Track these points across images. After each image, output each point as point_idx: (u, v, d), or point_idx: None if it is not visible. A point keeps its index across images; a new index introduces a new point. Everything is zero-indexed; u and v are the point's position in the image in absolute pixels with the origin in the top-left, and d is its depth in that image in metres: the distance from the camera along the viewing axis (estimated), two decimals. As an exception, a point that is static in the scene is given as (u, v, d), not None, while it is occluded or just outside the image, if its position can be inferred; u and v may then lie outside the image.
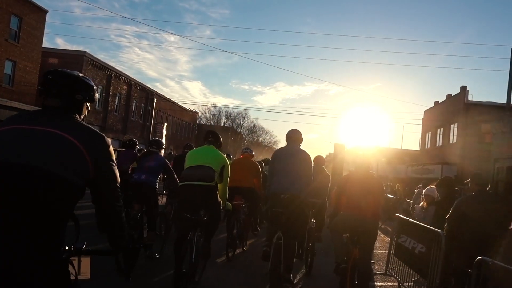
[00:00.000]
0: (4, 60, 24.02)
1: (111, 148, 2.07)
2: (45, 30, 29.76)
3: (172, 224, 8.03)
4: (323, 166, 8.08)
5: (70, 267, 1.97)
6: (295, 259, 5.45)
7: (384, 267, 7.38)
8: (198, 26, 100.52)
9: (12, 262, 1.61)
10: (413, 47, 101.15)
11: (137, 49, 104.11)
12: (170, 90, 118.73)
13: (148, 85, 46.00)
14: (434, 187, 7.36)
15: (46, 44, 34.50)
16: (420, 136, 38.90)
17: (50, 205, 1.73)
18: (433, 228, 5.54)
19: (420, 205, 7.65)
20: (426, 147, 37.21)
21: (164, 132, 31.42)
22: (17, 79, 24.97)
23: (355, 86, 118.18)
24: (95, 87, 2.22)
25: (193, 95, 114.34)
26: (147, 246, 4.06)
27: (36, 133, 1.84)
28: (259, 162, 10.69)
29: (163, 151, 6.98)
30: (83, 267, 2.10)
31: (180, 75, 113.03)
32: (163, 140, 33.07)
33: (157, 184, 6.47)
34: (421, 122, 38.57)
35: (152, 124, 36.06)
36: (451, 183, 6.73)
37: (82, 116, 2.15)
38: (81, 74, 2.17)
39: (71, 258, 2.00)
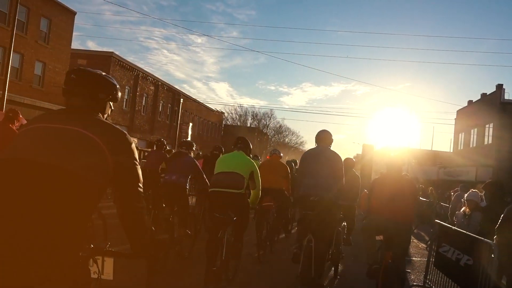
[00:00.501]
0: (34, 61, 24.38)
1: (133, 146, 2.01)
2: (76, 33, 30.22)
3: (202, 224, 8.13)
4: (353, 169, 7.91)
5: (94, 266, 1.99)
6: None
7: (421, 278, 6.87)
8: (224, 27, 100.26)
9: (28, 260, 1.58)
10: (444, 44, 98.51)
11: (165, 51, 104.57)
12: (197, 91, 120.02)
13: (175, 86, 46.20)
14: (477, 191, 6.80)
15: (77, 46, 35.03)
16: (453, 137, 37.63)
17: (69, 204, 1.70)
18: (483, 239, 4.99)
19: (461, 210, 7.07)
20: (459, 148, 35.98)
21: (190, 132, 31.31)
22: (46, 80, 25.31)
23: (383, 85, 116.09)
24: (117, 86, 2.18)
25: (220, 96, 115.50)
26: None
27: (57, 131, 1.84)
28: (289, 162, 10.49)
29: (193, 152, 7.04)
30: (106, 267, 2.11)
31: (207, 76, 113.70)
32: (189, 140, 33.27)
33: (187, 184, 6.51)
34: (453, 122, 37.33)
35: (178, 124, 36.02)
36: (501, 186, 6.11)
37: (106, 115, 2.13)
38: (103, 73, 2.15)
39: (96, 257, 2.01)
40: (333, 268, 6.73)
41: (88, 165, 1.78)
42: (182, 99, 43.48)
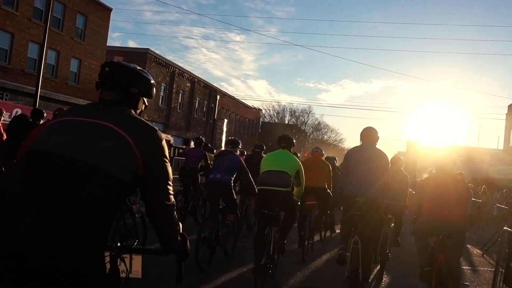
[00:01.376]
0: (70, 58, 24.53)
1: (163, 143, 1.92)
2: (117, 32, 30.36)
3: (244, 222, 8.42)
4: (401, 168, 7.63)
5: (122, 264, 1.99)
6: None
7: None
8: (263, 24, 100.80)
9: (49, 254, 1.53)
10: (495, 34, 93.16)
11: (204, 49, 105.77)
12: (236, 89, 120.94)
13: (212, 83, 45.89)
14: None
15: (117, 45, 35.23)
16: (504, 133, 35.26)
17: (92, 201, 1.63)
18: None
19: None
20: (510, 144, 33.61)
21: (225, 129, 30.79)
22: (82, 77, 25.43)
23: (427, 78, 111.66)
24: (152, 81, 2.08)
25: (258, 93, 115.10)
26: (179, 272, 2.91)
27: (85, 125, 1.79)
28: (330, 159, 10.31)
29: (238, 150, 7.00)
30: (134, 265, 2.09)
31: (245, 74, 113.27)
32: (223, 137, 32.83)
33: (232, 182, 6.46)
34: (504, 117, 34.94)
35: (214, 121, 35.65)
36: None
37: (139, 111, 2.06)
38: (138, 67, 2.05)
39: (123, 256, 1.98)
40: (378, 269, 6.53)
41: (114, 161, 1.71)
42: (218, 96, 43.12)
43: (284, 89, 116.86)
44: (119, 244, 1.99)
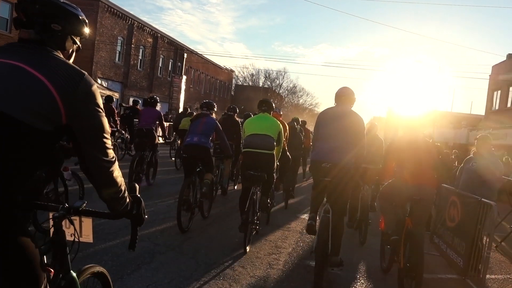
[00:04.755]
0: None
1: (94, 88, 1.67)
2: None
3: (218, 187, 8.88)
4: (377, 133, 7.71)
5: (70, 227, 1.89)
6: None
7: None
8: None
9: None
10: None
11: (179, 11, 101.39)
12: (212, 52, 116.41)
13: (177, 39, 42.17)
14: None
15: None
16: (487, 96, 33.35)
17: (2, 151, 1.46)
18: None
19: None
20: (493, 108, 31.83)
21: (183, 87, 27.53)
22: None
23: (405, 29, 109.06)
24: (81, 17, 1.78)
25: (235, 57, 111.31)
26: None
27: None
28: (293, 120, 10.34)
29: (214, 113, 7.06)
30: (84, 229, 1.97)
31: (222, 37, 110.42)
32: (182, 96, 29.93)
33: (210, 145, 6.68)
34: (487, 78, 32.92)
35: (170, 78, 32.25)
36: None
37: (68, 52, 1.80)
38: (62, 0, 1.73)
39: (72, 218, 1.87)
40: (360, 235, 6.66)
41: (26, 107, 1.50)
42: (185, 54, 39.54)
43: (262, 53, 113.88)
44: (66, 205, 1.83)
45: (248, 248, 5.36)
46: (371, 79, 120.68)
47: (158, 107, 10.07)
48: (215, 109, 7.15)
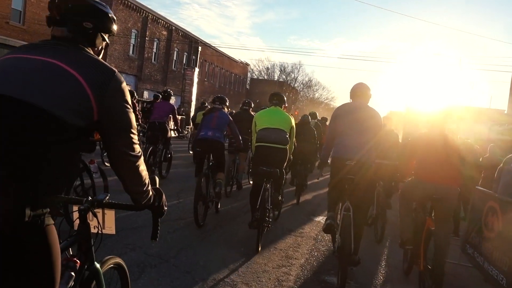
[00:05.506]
0: (13, -7, 20.72)
1: (123, 85, 1.72)
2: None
3: (234, 181, 8.87)
4: (392, 128, 7.69)
5: (94, 220, 1.94)
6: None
7: None
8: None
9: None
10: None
11: (196, 5, 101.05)
12: (227, 45, 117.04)
13: (192, 33, 41.75)
14: None
15: None
16: (510, 89, 32.18)
17: (35, 146, 1.46)
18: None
19: None
20: (517, 103, 30.61)
21: (195, 79, 26.97)
22: (29, 16, 21.60)
23: (426, 19, 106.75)
24: (111, 15, 1.83)
25: (250, 49, 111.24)
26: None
27: (33, 63, 1.57)
28: (305, 116, 10.26)
29: (226, 107, 7.05)
30: (107, 221, 2.04)
31: (238, 32, 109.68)
32: (194, 89, 29.50)
33: (224, 139, 6.66)
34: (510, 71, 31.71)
35: (183, 70, 31.76)
36: None
37: (98, 49, 1.85)
38: None
39: (95, 210, 1.92)
40: (376, 233, 6.55)
41: (63, 104, 1.52)
42: (200, 47, 39.09)
43: (278, 47, 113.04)
44: (89, 198, 1.91)
45: (260, 247, 5.16)
46: (389, 72, 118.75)
47: (172, 101, 10.07)
48: (227, 103, 7.14)
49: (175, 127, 10.26)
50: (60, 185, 1.60)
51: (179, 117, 13.86)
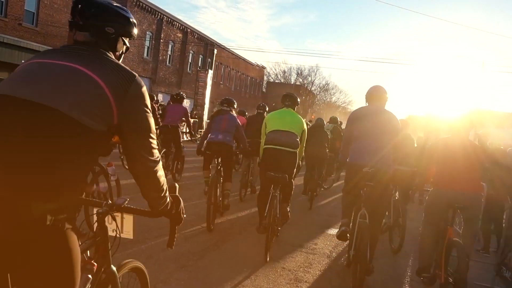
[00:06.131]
0: (26, -6, 20.57)
1: (144, 89, 1.73)
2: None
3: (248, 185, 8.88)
4: (409, 133, 7.38)
5: (113, 223, 1.96)
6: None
7: None
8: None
9: (14, 207, 1.42)
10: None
11: (214, 9, 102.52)
12: (243, 47, 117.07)
13: (208, 35, 41.40)
14: None
15: None
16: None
17: (57, 149, 1.49)
18: None
19: None
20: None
21: (209, 82, 26.37)
22: (42, 18, 21.41)
23: (446, 18, 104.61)
24: (132, 19, 1.87)
25: (268, 55, 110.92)
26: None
27: (55, 67, 1.60)
28: (319, 119, 10.15)
29: (234, 111, 6.95)
30: (126, 225, 2.05)
31: (256, 36, 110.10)
32: (207, 91, 29.01)
33: (233, 143, 6.65)
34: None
35: (196, 72, 31.30)
36: None
37: (119, 53, 1.89)
38: (114, 3, 1.83)
39: (115, 214, 1.95)
40: (390, 242, 6.18)
41: (85, 109, 1.54)
42: (215, 50, 38.69)
43: (295, 51, 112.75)
44: (109, 201, 1.95)
45: (268, 257, 4.85)
46: (408, 75, 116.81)
47: (187, 104, 10.20)
48: (235, 106, 7.08)
49: (188, 130, 10.45)
50: (79, 188, 1.61)
51: (191, 120, 13.50)
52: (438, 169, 4.49)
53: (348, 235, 4.54)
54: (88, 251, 1.89)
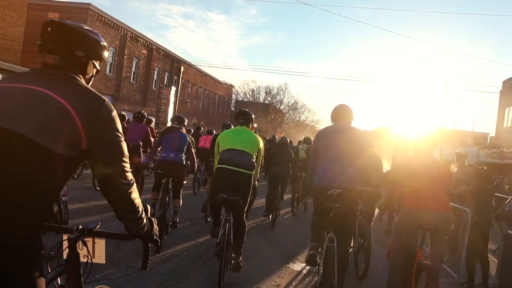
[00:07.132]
0: (-24, 6, 19.46)
1: (114, 114, 1.71)
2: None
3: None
4: (374, 150, 6.79)
5: (84, 249, 1.91)
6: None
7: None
8: (243, 5, 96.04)
9: None
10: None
11: (183, 28, 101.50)
12: (210, 64, 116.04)
13: (173, 51, 40.71)
14: None
15: None
16: (497, 112, 31.72)
17: (23, 176, 1.44)
18: None
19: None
20: (505, 125, 30.22)
21: (172, 99, 25.57)
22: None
23: (412, 37, 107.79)
24: (103, 43, 1.85)
25: (238, 74, 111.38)
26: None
27: (22, 92, 1.58)
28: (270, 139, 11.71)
29: (184, 128, 6.90)
30: (97, 250, 1.98)
31: (225, 55, 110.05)
32: (170, 109, 28.20)
33: (184, 161, 6.62)
34: (497, 92, 31.32)
35: (158, 89, 30.50)
36: None
37: (88, 76, 1.86)
38: (86, 27, 1.82)
39: (85, 239, 1.91)
40: (356, 267, 5.80)
41: (52, 134, 1.50)
42: (182, 67, 37.95)
43: (264, 70, 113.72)
44: (80, 226, 1.91)
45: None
46: (374, 93, 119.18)
47: (152, 123, 9.93)
48: (186, 123, 7.10)
49: (149, 150, 10.00)
50: (47, 213, 1.56)
51: (152, 139, 12.66)
52: (405, 189, 4.42)
53: (318, 259, 4.42)
54: (59, 278, 1.81)
